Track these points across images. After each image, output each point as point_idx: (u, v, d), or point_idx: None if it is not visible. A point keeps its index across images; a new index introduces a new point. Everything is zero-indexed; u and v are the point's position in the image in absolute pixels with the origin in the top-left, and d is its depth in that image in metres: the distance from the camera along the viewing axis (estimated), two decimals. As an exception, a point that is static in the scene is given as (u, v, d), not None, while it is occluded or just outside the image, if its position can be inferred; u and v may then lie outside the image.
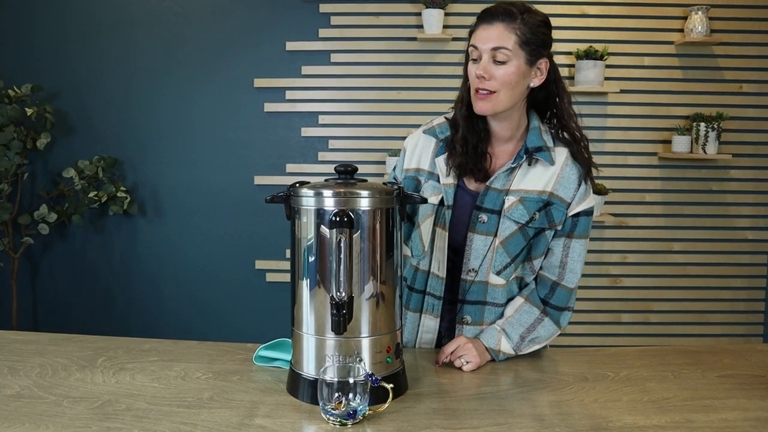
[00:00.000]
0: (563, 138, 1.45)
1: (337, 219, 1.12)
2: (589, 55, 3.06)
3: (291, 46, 3.22)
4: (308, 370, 1.20)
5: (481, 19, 1.37)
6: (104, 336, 1.53)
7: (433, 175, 1.47)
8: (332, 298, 1.15)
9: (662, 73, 3.21)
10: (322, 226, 1.17)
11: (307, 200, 1.19)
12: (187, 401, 1.18)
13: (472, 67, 1.37)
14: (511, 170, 1.42)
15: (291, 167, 3.27)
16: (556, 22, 3.48)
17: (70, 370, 1.32)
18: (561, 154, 1.43)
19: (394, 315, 1.24)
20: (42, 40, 3.28)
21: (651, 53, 3.19)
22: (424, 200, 1.32)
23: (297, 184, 1.23)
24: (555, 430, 1.09)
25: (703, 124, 3.08)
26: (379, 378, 1.13)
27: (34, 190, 3.35)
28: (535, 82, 1.39)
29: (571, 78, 3.19)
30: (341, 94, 3.25)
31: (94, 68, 3.28)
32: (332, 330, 1.15)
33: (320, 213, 1.18)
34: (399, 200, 1.23)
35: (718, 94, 3.21)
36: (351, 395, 1.08)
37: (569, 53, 3.15)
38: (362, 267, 1.17)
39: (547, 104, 1.46)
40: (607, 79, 3.14)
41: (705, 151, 3.09)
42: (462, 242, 1.44)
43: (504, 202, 1.41)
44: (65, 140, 3.31)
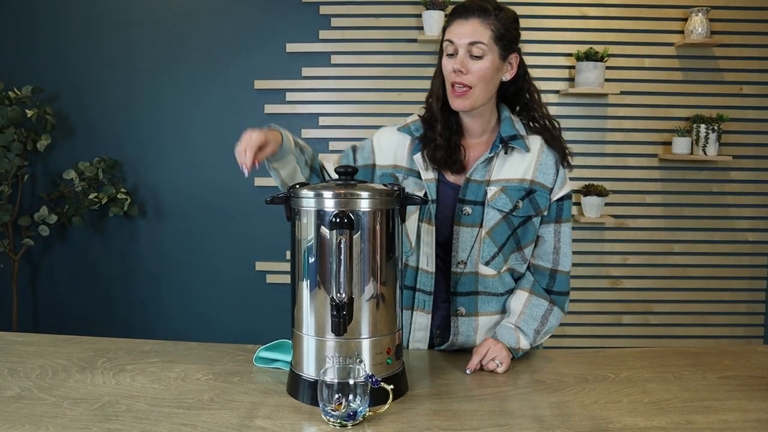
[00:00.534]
0: (534, 127, 1.49)
1: (338, 220, 1.13)
2: (590, 56, 3.06)
3: (291, 47, 3.22)
4: (308, 371, 1.20)
5: (455, 14, 1.40)
6: (104, 337, 1.53)
7: (412, 172, 1.48)
8: (332, 300, 1.15)
9: (662, 74, 3.21)
10: (322, 227, 1.17)
11: (308, 201, 1.19)
12: (187, 402, 1.18)
13: (447, 62, 1.40)
14: (489, 160, 1.45)
15: (291, 169, 3.26)
16: (556, 23, 3.49)
17: (70, 371, 1.32)
18: (535, 141, 1.47)
19: (395, 316, 1.24)
20: (42, 43, 3.28)
21: (651, 55, 3.20)
22: (425, 201, 1.33)
23: (297, 186, 1.23)
24: (555, 431, 1.09)
25: (703, 126, 3.08)
26: (380, 379, 1.13)
27: (34, 192, 3.35)
28: (507, 76, 1.44)
29: (571, 80, 3.19)
30: (342, 96, 3.25)
31: (94, 70, 3.29)
32: (332, 331, 1.15)
33: (320, 214, 1.18)
34: (399, 201, 1.23)
35: (718, 96, 3.21)
36: (351, 396, 1.08)
37: (569, 55, 3.16)
38: (362, 268, 1.17)
39: (517, 98, 1.51)
40: (607, 80, 3.14)
41: (705, 153, 3.10)
42: (448, 236, 1.46)
43: (486, 192, 1.43)
44: (65, 142, 3.31)
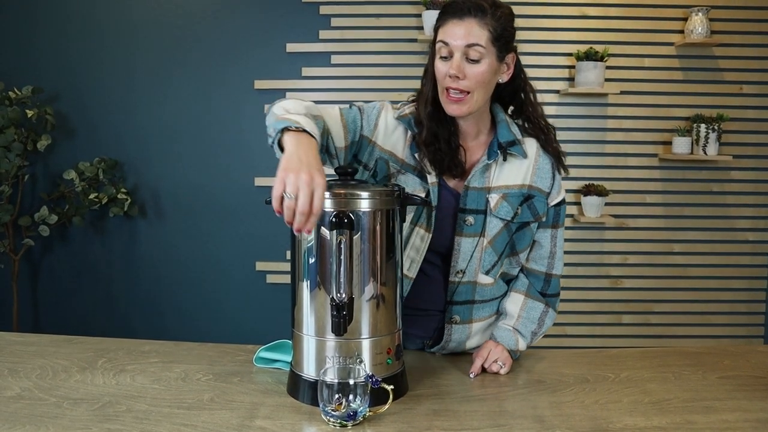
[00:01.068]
0: (529, 129, 1.43)
1: (337, 220, 1.13)
2: (590, 56, 3.06)
3: (291, 47, 3.22)
4: (308, 371, 1.20)
5: (449, 13, 1.30)
6: (105, 337, 1.53)
7: (409, 168, 1.39)
8: (332, 300, 1.15)
9: (662, 74, 3.21)
10: (322, 227, 1.16)
11: (308, 201, 1.18)
12: (187, 403, 1.18)
13: (442, 65, 1.31)
14: (487, 167, 1.38)
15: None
16: (556, 23, 3.49)
17: (70, 371, 1.32)
18: (531, 145, 1.42)
19: (395, 316, 1.24)
20: (42, 43, 3.28)
21: (651, 54, 3.20)
22: (425, 201, 1.31)
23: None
24: (555, 431, 1.09)
25: (703, 125, 3.08)
26: (380, 379, 1.13)
27: (34, 192, 3.36)
28: (504, 78, 1.36)
29: (571, 79, 3.19)
30: (342, 96, 3.24)
31: (94, 70, 3.29)
32: (332, 331, 1.15)
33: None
34: (399, 201, 1.23)
35: (718, 96, 3.21)
36: (351, 397, 1.08)
37: (569, 54, 3.16)
38: (362, 268, 1.17)
39: (513, 98, 1.44)
40: (607, 80, 3.14)
41: (705, 152, 3.10)
42: (445, 244, 1.40)
43: (488, 200, 1.38)
44: (66, 142, 3.31)
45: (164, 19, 3.26)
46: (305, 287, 1.20)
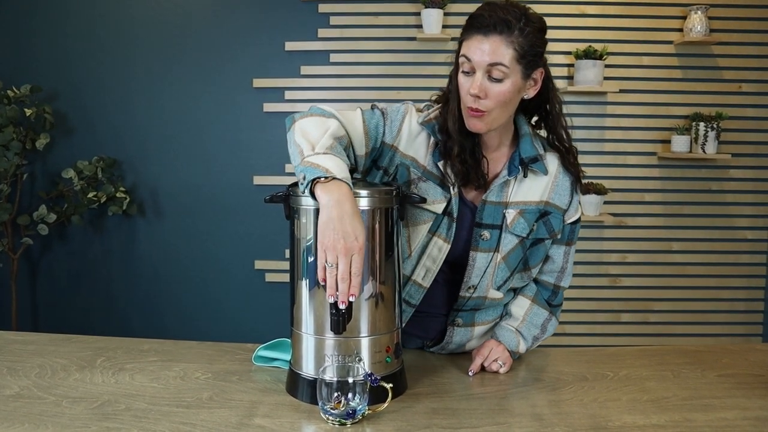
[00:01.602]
0: (553, 143, 1.39)
1: (337, 219, 1.12)
2: (588, 54, 3.06)
3: (290, 46, 3.22)
4: (307, 369, 1.20)
5: (474, 27, 1.24)
6: (103, 336, 1.53)
7: (431, 176, 1.35)
8: (331, 298, 1.15)
9: (661, 72, 3.21)
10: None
11: (307, 200, 1.18)
12: (186, 401, 1.18)
13: (464, 80, 1.26)
14: (506, 182, 1.35)
15: (290, 167, 3.27)
16: (555, 21, 3.49)
17: (69, 370, 1.32)
18: (552, 161, 1.38)
19: (394, 315, 1.24)
20: (41, 42, 3.28)
21: (650, 53, 3.20)
22: (423, 200, 1.30)
23: (296, 184, 1.22)
24: (554, 429, 1.09)
25: (702, 124, 3.08)
26: (379, 378, 1.13)
27: (33, 191, 3.35)
28: (530, 93, 1.31)
29: (570, 78, 3.19)
30: (340, 94, 3.24)
31: (93, 69, 3.28)
32: (331, 330, 1.15)
33: (320, 213, 1.17)
34: (398, 200, 1.23)
35: (717, 94, 3.21)
36: (350, 395, 1.08)
37: (568, 53, 3.15)
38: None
39: (537, 109, 1.41)
40: (606, 78, 3.13)
41: (704, 151, 3.10)
42: (458, 256, 1.38)
43: (505, 216, 1.35)
44: (64, 141, 3.31)
45: (163, 17, 3.25)
46: (304, 286, 1.20)
